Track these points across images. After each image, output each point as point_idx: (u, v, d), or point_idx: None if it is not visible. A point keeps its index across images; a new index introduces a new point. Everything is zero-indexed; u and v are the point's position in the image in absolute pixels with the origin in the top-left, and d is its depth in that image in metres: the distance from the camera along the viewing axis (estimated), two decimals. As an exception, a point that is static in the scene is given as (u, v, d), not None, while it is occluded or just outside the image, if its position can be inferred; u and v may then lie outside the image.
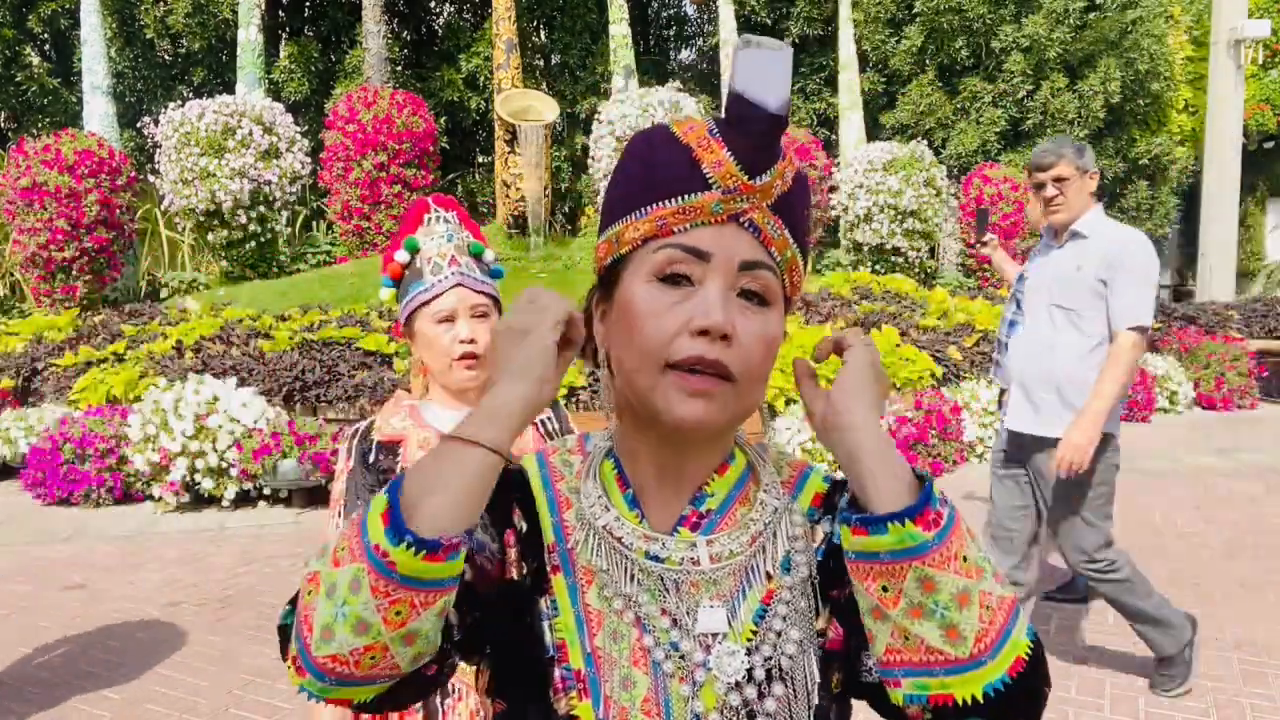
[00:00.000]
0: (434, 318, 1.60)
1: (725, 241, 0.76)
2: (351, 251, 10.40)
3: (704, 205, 0.76)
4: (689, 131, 0.78)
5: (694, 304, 0.75)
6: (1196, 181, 13.99)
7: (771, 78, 0.74)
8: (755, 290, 0.78)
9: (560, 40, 13.92)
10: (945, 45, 13.08)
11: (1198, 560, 4.78)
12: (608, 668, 0.78)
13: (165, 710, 3.24)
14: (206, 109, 9.30)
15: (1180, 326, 10.29)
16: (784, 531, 0.83)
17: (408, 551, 0.67)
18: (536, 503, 0.86)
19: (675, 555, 0.80)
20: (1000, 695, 0.69)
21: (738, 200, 0.77)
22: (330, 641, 0.70)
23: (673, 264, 0.77)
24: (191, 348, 6.76)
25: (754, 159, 0.76)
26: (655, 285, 0.77)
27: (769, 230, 0.78)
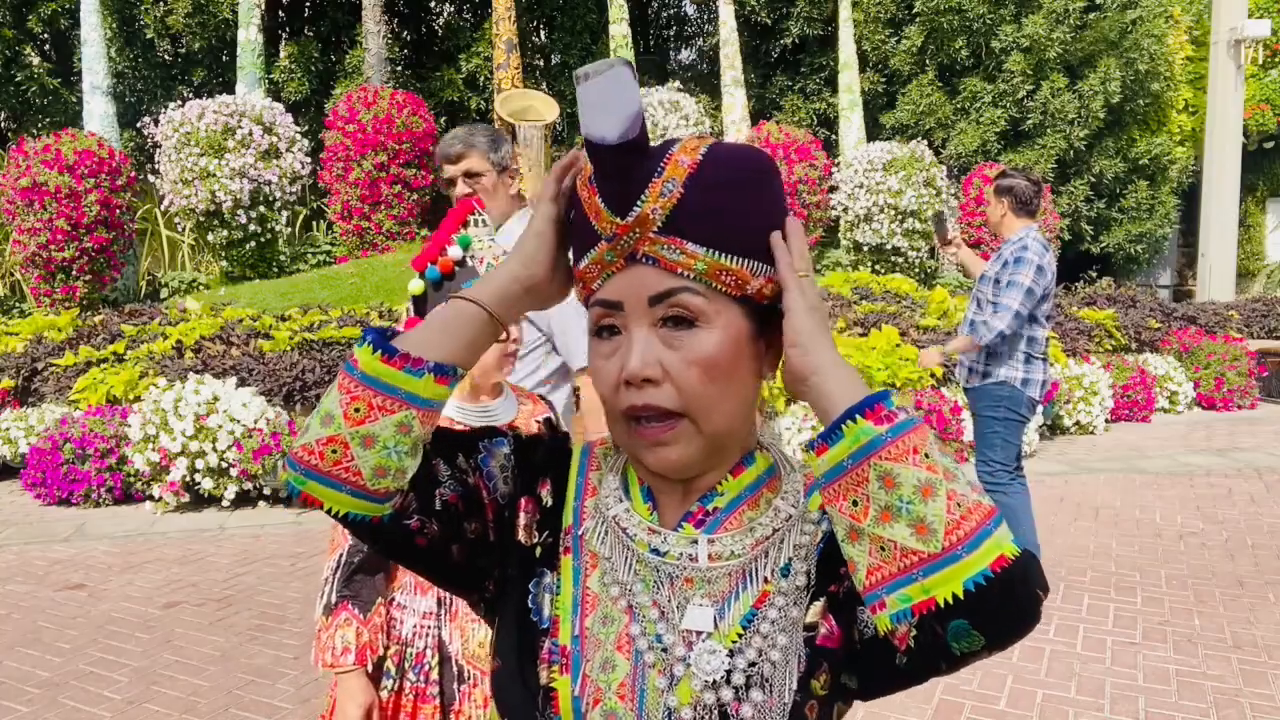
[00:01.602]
0: None
1: (630, 283, 0.77)
2: (351, 251, 10.39)
3: (599, 259, 0.79)
4: (581, 180, 0.80)
5: (620, 354, 0.78)
6: (1196, 181, 13.98)
7: (605, 107, 0.73)
8: (677, 316, 0.77)
9: (560, 40, 13.92)
10: (945, 45, 13.08)
11: (1198, 560, 4.78)
12: (592, 648, 0.81)
13: (165, 710, 3.24)
14: (206, 109, 9.30)
15: (1180, 326, 10.29)
16: (791, 539, 0.83)
17: (367, 349, 0.77)
18: (568, 485, 0.90)
19: (675, 550, 0.81)
20: (983, 592, 0.66)
21: (622, 243, 0.77)
22: (305, 433, 0.79)
23: (600, 320, 0.80)
24: (191, 348, 6.76)
25: (618, 196, 0.76)
26: (596, 341, 0.81)
27: (666, 255, 0.76)
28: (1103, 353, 9.21)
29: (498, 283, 0.84)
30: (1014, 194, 4.15)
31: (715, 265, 0.77)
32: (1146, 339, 9.82)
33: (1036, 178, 4.23)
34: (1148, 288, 13.99)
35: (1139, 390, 8.67)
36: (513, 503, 0.88)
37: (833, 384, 0.75)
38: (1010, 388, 4.06)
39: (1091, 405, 8.07)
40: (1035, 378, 4.08)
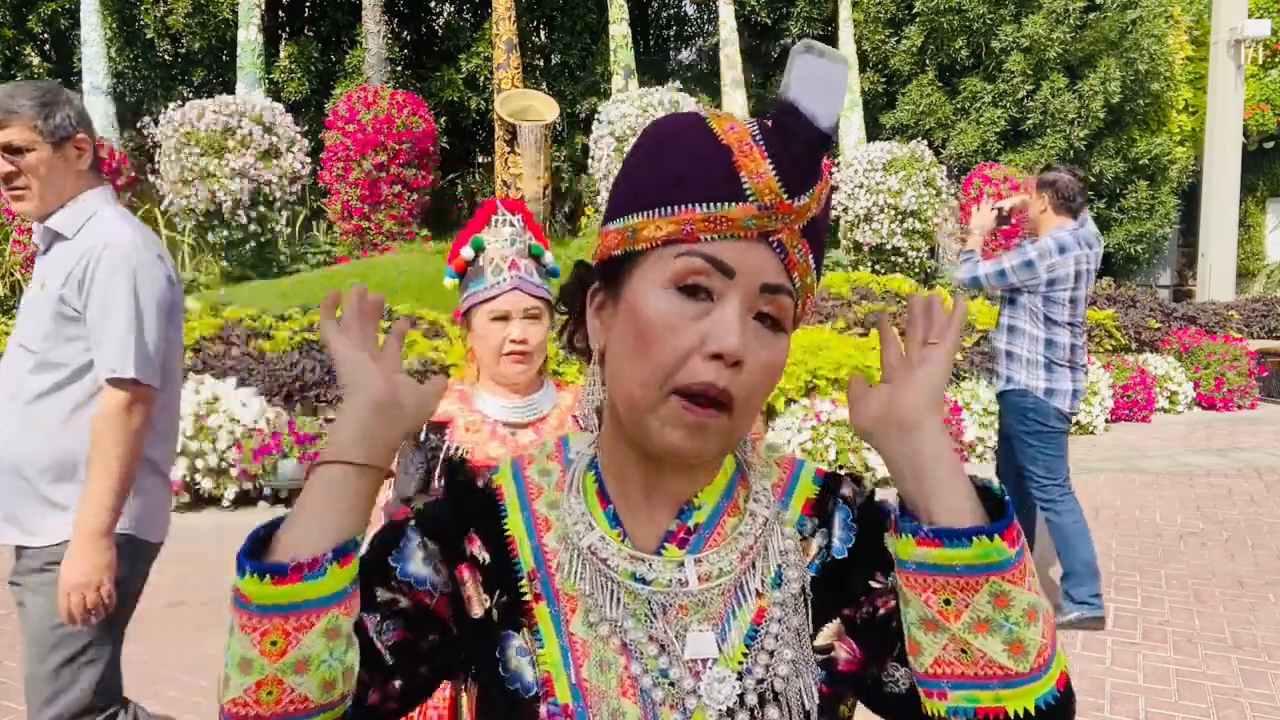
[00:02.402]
0: (490, 315, 1.73)
1: (751, 260, 0.71)
2: (351, 251, 10.40)
3: (738, 218, 0.70)
4: (730, 131, 0.72)
5: (711, 323, 0.70)
6: (1196, 181, 13.99)
7: (828, 91, 0.69)
8: (772, 314, 0.73)
9: (560, 40, 13.92)
10: (945, 45, 13.09)
11: (1198, 560, 4.78)
12: (596, 700, 0.74)
13: (165, 710, 3.24)
14: (206, 109, 9.30)
15: (1180, 326, 10.29)
16: (775, 544, 0.79)
17: (252, 580, 0.67)
18: (510, 527, 0.81)
19: (662, 576, 0.76)
20: (1050, 709, 0.68)
21: (772, 219, 0.71)
22: (227, 687, 0.69)
23: (694, 274, 0.71)
24: (191, 348, 6.76)
25: (797, 176, 0.71)
26: (671, 294, 0.72)
27: (795, 254, 0.73)
28: (1103, 353, 9.21)
29: (348, 427, 0.74)
30: (1056, 189, 3.96)
31: (812, 285, 0.76)
32: (1146, 339, 9.82)
33: (1081, 174, 4.07)
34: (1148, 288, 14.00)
35: (1139, 390, 8.67)
36: (455, 584, 0.79)
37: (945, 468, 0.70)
38: (1034, 398, 3.90)
39: (1091, 405, 8.07)
40: (1061, 387, 3.89)
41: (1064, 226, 3.94)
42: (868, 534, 0.82)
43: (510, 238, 1.76)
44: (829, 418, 6.21)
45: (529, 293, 1.74)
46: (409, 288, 8.79)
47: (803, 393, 6.61)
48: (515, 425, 1.78)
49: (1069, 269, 3.87)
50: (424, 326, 7.27)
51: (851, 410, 0.78)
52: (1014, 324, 3.98)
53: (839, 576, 0.80)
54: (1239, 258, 14.24)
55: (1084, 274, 3.91)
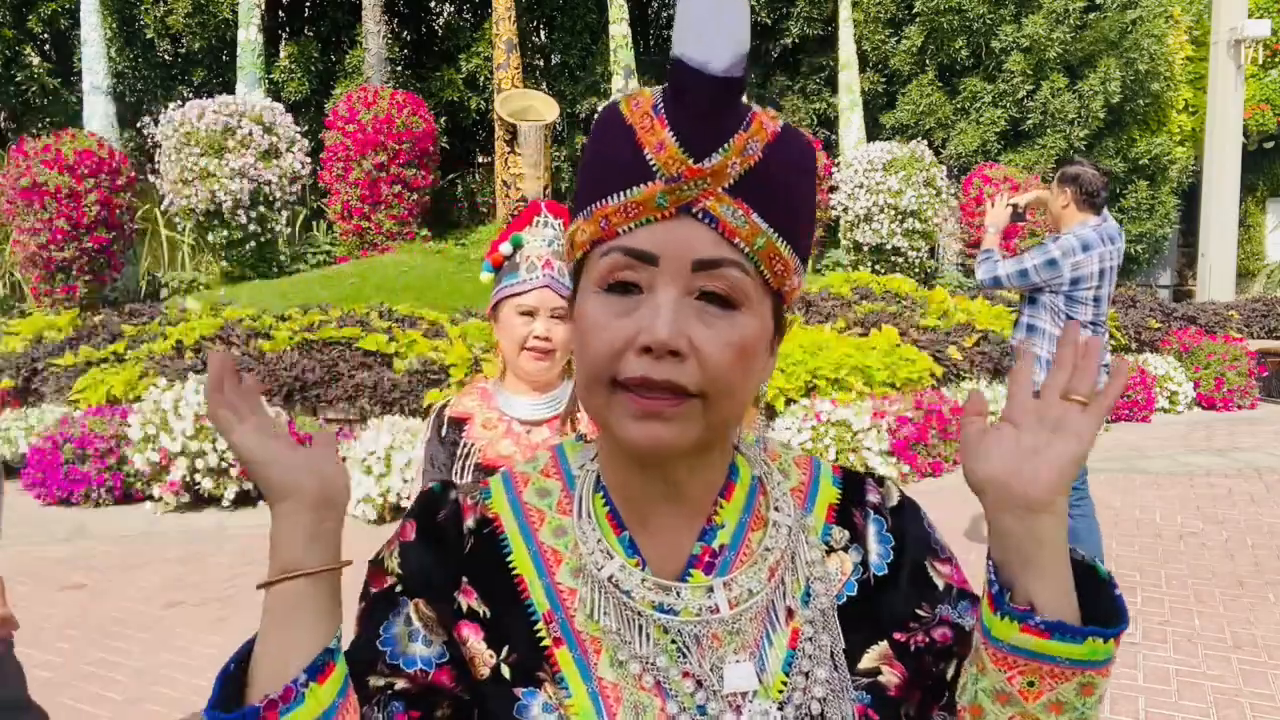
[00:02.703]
0: (517, 309, 1.76)
1: (675, 239, 0.65)
2: (351, 251, 10.40)
3: (647, 199, 0.65)
4: (635, 108, 0.66)
5: (640, 315, 0.65)
6: (1196, 181, 13.98)
7: (716, 30, 0.62)
8: (717, 291, 0.66)
9: (560, 40, 13.92)
10: (945, 45, 13.08)
11: (1198, 560, 4.78)
12: None
13: (165, 710, 3.24)
14: (206, 109, 9.30)
15: (1180, 326, 10.29)
16: (802, 556, 0.74)
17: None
18: (517, 564, 0.74)
19: (691, 605, 0.70)
20: None
21: (685, 189, 0.64)
22: None
23: (617, 270, 0.66)
24: (191, 348, 6.76)
25: (699, 137, 0.64)
26: (601, 295, 0.67)
27: (729, 219, 0.65)
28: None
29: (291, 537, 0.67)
30: (1080, 184, 3.84)
31: (772, 247, 0.67)
32: (1146, 339, 9.82)
33: (1104, 169, 3.96)
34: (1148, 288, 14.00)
35: (1139, 390, 8.67)
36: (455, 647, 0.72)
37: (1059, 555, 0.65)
38: None
39: (1091, 405, 8.06)
40: None
41: (1086, 223, 3.84)
42: (905, 546, 0.77)
43: (549, 239, 1.79)
44: (829, 418, 6.21)
45: (558, 292, 1.76)
46: (409, 288, 8.79)
47: (803, 393, 6.61)
48: (530, 423, 1.81)
49: (1093, 267, 3.78)
50: (424, 326, 7.27)
51: (966, 456, 0.68)
52: (1034, 323, 3.89)
53: (880, 594, 0.75)
54: (1239, 258, 14.24)
55: (1107, 271, 3.82)
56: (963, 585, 0.78)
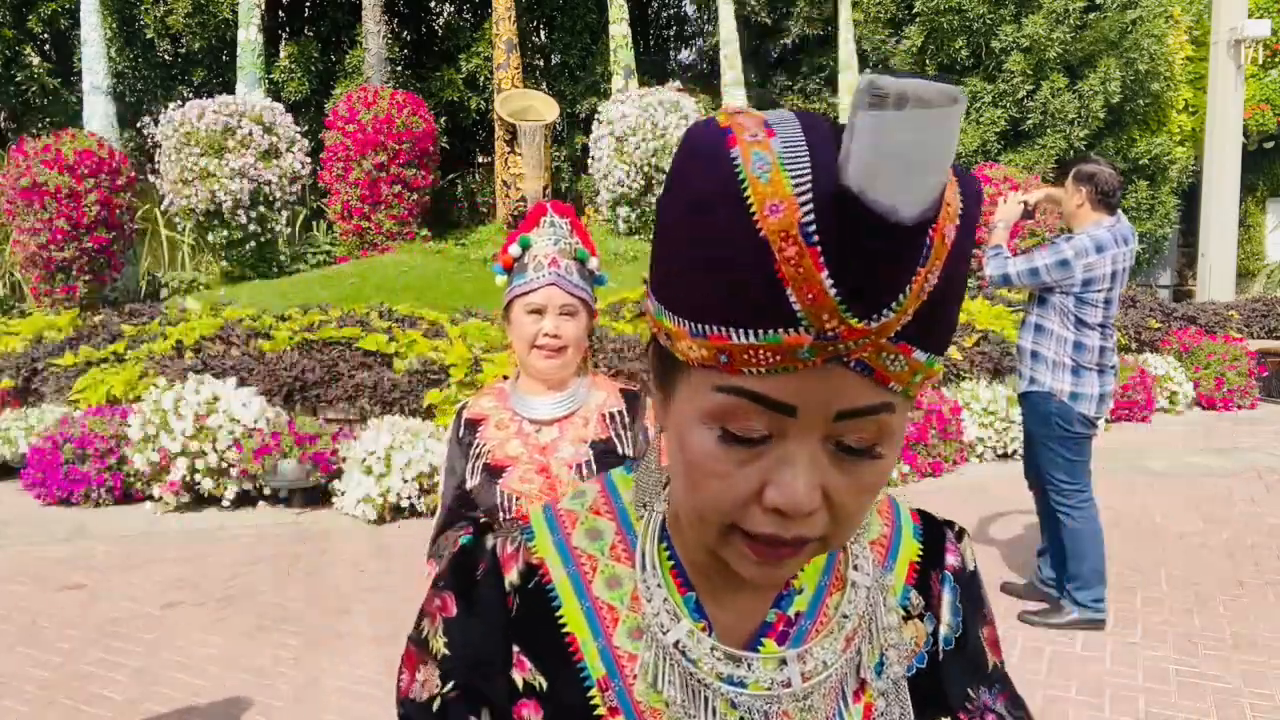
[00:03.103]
0: (526, 308, 1.79)
1: (821, 389, 0.52)
2: (351, 251, 10.40)
3: (787, 349, 0.50)
4: (770, 213, 0.48)
5: (769, 467, 0.54)
6: (1196, 181, 13.98)
7: (917, 160, 0.45)
8: (858, 445, 0.54)
9: (560, 40, 13.92)
10: (945, 45, 13.08)
11: (1198, 560, 4.77)
12: None
13: (165, 710, 3.24)
14: (206, 109, 9.30)
15: (1180, 326, 10.29)
16: (879, 621, 0.68)
17: None
18: (569, 621, 0.67)
19: (762, 678, 0.63)
20: None
21: (839, 346, 0.50)
22: None
23: (740, 417, 0.54)
24: (191, 348, 6.76)
25: (869, 291, 0.48)
26: (715, 437, 0.55)
27: (887, 367, 0.52)
28: (1103, 353, 9.20)
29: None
30: (1095, 183, 3.75)
31: (929, 373, 0.55)
32: (1146, 339, 9.82)
33: (1121, 169, 3.93)
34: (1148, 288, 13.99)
35: (1139, 390, 8.67)
36: None
37: None
38: (1058, 402, 3.75)
39: (1091, 405, 8.06)
40: (1087, 391, 3.73)
41: (1101, 223, 3.76)
42: (970, 619, 0.73)
43: (554, 238, 1.82)
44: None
45: (566, 289, 1.78)
46: (409, 288, 8.79)
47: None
48: (540, 422, 1.83)
49: (1105, 269, 3.71)
50: (424, 326, 7.27)
51: None
52: (1042, 323, 3.83)
53: (946, 669, 0.71)
54: (1239, 258, 14.23)
55: (1119, 273, 3.75)
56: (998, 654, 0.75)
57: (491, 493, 1.79)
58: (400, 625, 3.97)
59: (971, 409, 7.12)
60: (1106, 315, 3.78)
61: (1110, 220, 3.79)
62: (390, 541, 5.21)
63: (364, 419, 6.23)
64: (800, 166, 0.48)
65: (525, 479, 1.78)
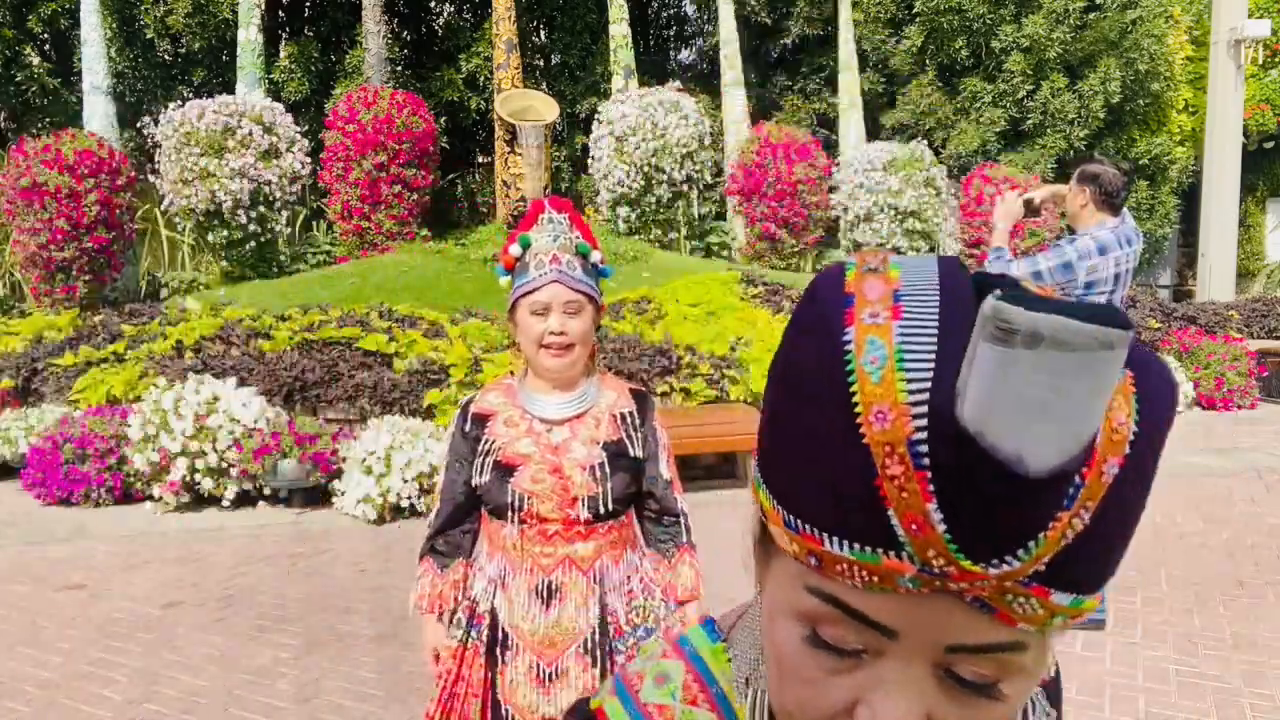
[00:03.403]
0: (530, 308, 1.77)
1: (929, 621, 0.43)
2: (351, 251, 10.40)
3: (886, 572, 0.42)
4: (876, 420, 0.40)
5: (864, 684, 0.45)
6: (1196, 181, 13.98)
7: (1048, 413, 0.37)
8: (974, 679, 0.44)
9: (560, 40, 13.92)
10: (945, 45, 13.08)
11: (1198, 560, 4.78)
12: None
13: (165, 710, 3.24)
14: (206, 109, 9.30)
15: (1180, 326, 10.29)
16: None
17: None
18: None
19: None
20: None
21: (949, 584, 0.41)
22: None
23: (830, 624, 0.45)
24: (191, 348, 6.76)
25: (990, 537, 0.40)
26: (803, 637, 0.46)
27: (1015, 609, 0.42)
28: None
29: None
30: (1099, 183, 3.72)
31: (1075, 613, 0.44)
32: (1146, 339, 9.82)
33: (1126, 168, 3.85)
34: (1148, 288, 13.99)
35: (1139, 390, 8.66)
36: None
37: None
38: None
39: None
40: None
41: (1104, 224, 3.73)
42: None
43: (553, 234, 1.81)
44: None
45: (570, 286, 1.76)
46: (409, 288, 8.79)
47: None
48: (551, 421, 1.82)
49: (1108, 270, 3.67)
50: (424, 326, 7.27)
51: None
52: None
53: None
54: (1239, 258, 14.23)
55: (1123, 275, 3.72)
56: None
57: (503, 491, 1.78)
58: (400, 625, 3.97)
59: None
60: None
61: (1114, 221, 3.76)
62: (390, 541, 5.21)
63: (364, 419, 6.23)
64: (922, 367, 0.39)
65: (537, 479, 1.77)
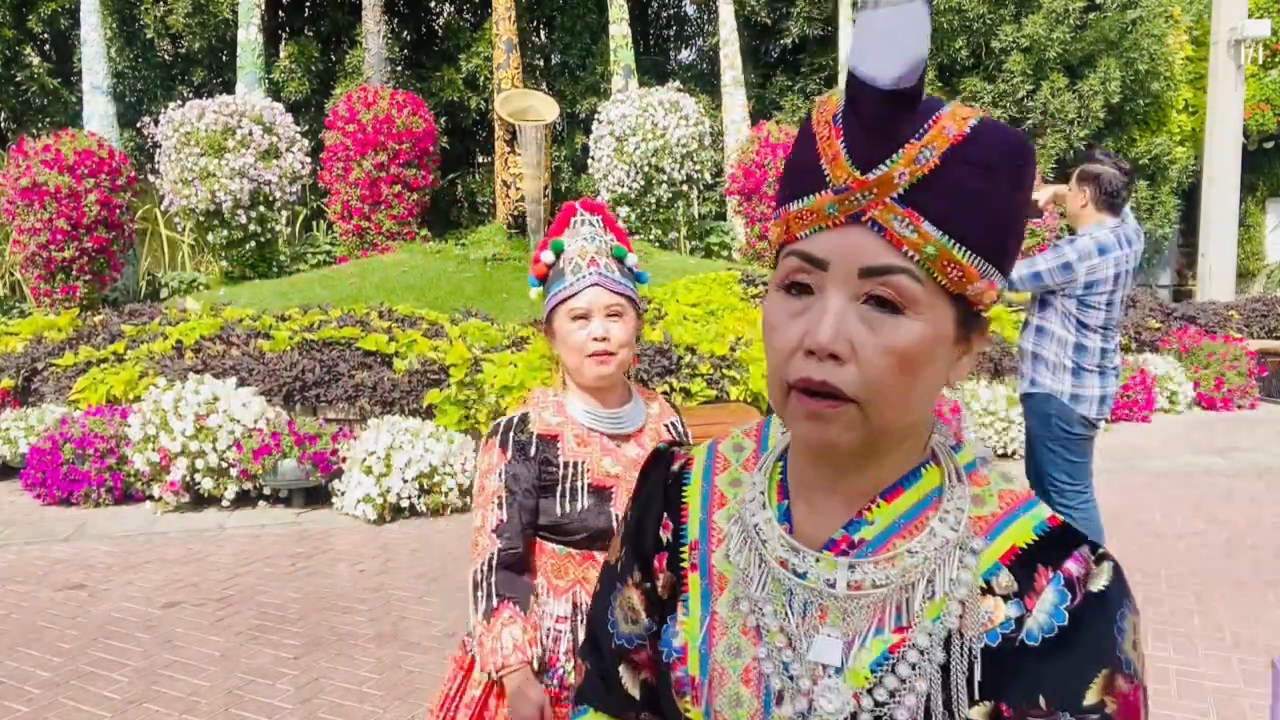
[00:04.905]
0: (570, 314, 1.65)
1: (844, 246, 0.67)
2: (351, 251, 10.39)
3: (819, 207, 0.68)
4: (820, 115, 0.70)
5: (809, 318, 0.69)
6: (1196, 181, 13.98)
7: (888, 42, 0.63)
8: (884, 297, 0.67)
9: (560, 40, 13.92)
10: (945, 45, 13.08)
11: (1198, 560, 4.78)
12: (718, 681, 0.77)
13: (165, 710, 3.24)
14: (206, 109, 9.30)
15: (1180, 326, 10.29)
16: (946, 572, 0.71)
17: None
18: (689, 496, 0.86)
19: (814, 575, 0.73)
20: None
21: (852, 199, 0.67)
22: None
23: (793, 273, 0.70)
24: (191, 348, 6.76)
25: (868, 148, 0.66)
26: (780, 294, 0.72)
27: (896, 228, 0.66)
28: (1103, 353, 9.19)
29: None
30: (1099, 183, 3.70)
31: (946, 254, 0.67)
32: (1146, 339, 9.82)
33: (1128, 167, 3.77)
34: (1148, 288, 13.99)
35: (1139, 390, 8.67)
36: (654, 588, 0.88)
37: None
38: (1058, 403, 3.74)
39: (1091, 405, 8.06)
40: (1087, 393, 3.72)
41: (1104, 224, 3.72)
42: (1077, 636, 0.69)
43: (589, 236, 1.70)
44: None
45: (610, 289, 1.65)
46: (409, 288, 8.79)
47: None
48: (619, 437, 1.70)
49: (1108, 271, 3.67)
50: (424, 326, 7.27)
51: None
52: (1043, 325, 3.80)
53: (1019, 662, 0.69)
54: (1239, 258, 14.23)
55: (1123, 275, 3.71)
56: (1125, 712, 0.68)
57: (605, 516, 1.64)
58: (400, 625, 3.97)
59: (971, 409, 7.11)
60: (1109, 317, 3.75)
61: (1114, 221, 3.75)
62: (390, 541, 5.21)
63: (364, 419, 6.23)
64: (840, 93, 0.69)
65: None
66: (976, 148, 0.66)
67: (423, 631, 3.93)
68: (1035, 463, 3.96)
